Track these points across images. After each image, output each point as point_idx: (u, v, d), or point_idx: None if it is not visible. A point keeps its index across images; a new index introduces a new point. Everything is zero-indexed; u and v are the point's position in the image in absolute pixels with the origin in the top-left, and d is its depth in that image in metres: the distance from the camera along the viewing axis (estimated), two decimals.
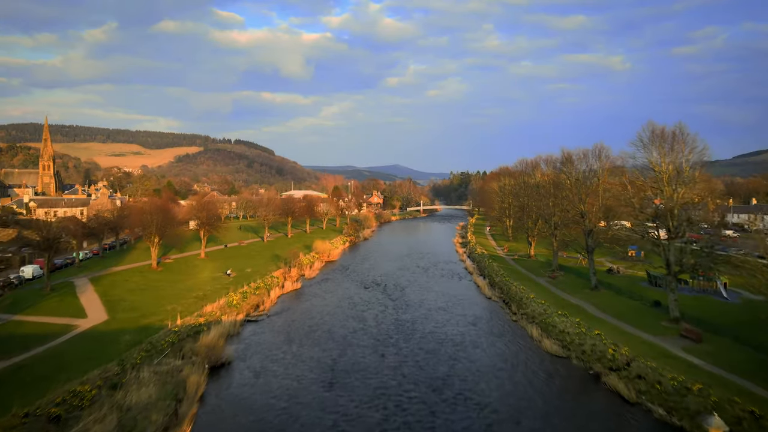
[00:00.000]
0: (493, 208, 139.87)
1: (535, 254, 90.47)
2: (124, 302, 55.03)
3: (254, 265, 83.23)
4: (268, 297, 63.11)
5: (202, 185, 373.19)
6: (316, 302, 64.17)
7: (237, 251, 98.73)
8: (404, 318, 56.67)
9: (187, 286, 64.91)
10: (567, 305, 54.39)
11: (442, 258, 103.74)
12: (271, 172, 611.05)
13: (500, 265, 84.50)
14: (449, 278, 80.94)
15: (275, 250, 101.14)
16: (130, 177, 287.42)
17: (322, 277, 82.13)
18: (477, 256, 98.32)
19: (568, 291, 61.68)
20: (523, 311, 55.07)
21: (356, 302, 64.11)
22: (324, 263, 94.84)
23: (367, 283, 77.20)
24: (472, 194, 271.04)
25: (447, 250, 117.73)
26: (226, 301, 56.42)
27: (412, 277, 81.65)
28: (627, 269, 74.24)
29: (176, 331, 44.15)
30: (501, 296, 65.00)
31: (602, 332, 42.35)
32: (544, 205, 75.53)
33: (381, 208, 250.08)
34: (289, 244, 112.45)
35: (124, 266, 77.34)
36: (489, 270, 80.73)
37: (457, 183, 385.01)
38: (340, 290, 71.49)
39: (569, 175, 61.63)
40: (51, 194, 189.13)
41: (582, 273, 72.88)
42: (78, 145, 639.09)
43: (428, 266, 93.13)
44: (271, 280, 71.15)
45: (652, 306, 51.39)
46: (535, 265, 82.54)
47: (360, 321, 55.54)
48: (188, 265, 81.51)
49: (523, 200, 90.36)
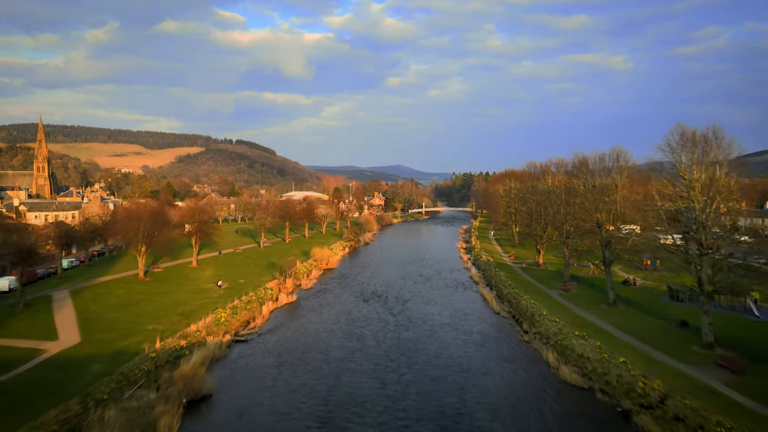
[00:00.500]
0: (498, 212, 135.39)
1: (544, 262, 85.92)
2: (102, 320, 50.66)
3: (248, 275, 78.85)
4: (260, 312, 58.70)
5: (202, 186, 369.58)
6: (311, 318, 59.77)
7: (231, 258, 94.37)
8: (406, 336, 52.25)
9: (174, 300, 60.53)
10: (584, 324, 49.86)
11: (446, 265, 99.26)
12: (273, 173, 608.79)
13: (508, 274, 80.00)
14: (454, 289, 76.46)
15: (271, 257, 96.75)
16: (128, 178, 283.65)
17: (319, 287, 77.73)
18: (482, 263, 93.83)
19: (584, 306, 57.12)
20: (535, 330, 50.56)
21: (355, 317, 59.70)
22: (322, 271, 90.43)
23: (366, 294, 72.77)
24: (475, 196, 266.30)
25: (451, 256, 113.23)
26: (213, 319, 52.07)
27: (415, 288, 77.21)
28: (643, 280, 69.67)
29: (153, 357, 39.75)
30: (510, 311, 60.49)
31: (628, 359, 37.84)
32: (555, 212, 71.03)
33: (382, 209, 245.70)
34: (287, 250, 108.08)
35: (110, 276, 72.99)
36: (496, 280, 76.24)
37: (460, 184, 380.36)
38: (338, 303, 67.08)
39: (585, 182, 57.03)
40: (46, 196, 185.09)
41: (596, 284, 68.33)
42: (79, 145, 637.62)
43: (431, 275, 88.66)
44: (264, 292, 66.76)
45: (678, 327, 46.80)
46: (545, 275, 77.98)
47: (358, 340, 51.13)
48: (178, 274, 77.15)
49: (531, 206, 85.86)
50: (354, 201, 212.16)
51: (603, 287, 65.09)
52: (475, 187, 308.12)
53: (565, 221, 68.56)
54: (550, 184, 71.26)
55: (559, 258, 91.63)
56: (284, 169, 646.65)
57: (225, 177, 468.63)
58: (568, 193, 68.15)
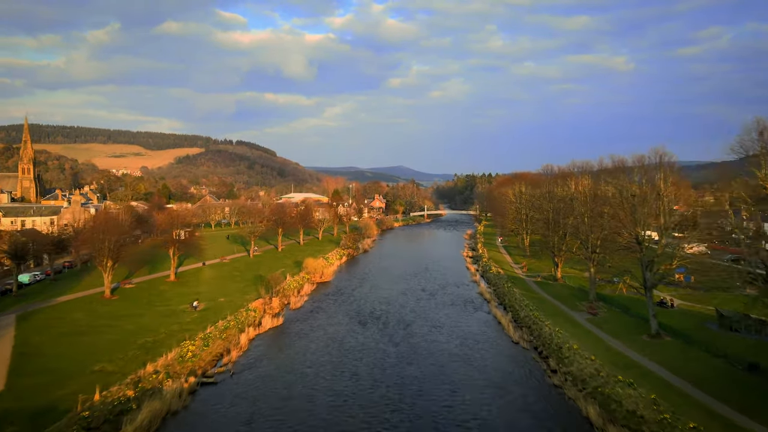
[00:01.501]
0: (506, 218, 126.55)
1: (562, 276, 77.10)
2: (42, 357, 42.00)
3: (231, 292, 70.19)
4: (236, 343, 49.95)
5: (200, 188, 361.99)
6: (298, 347, 51.05)
7: (215, 271, 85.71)
8: (409, 374, 43.57)
9: (138, 327, 51.85)
10: (625, 362, 41.12)
11: (452, 278, 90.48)
12: (273, 174, 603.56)
13: (522, 291, 71.25)
14: (462, 308, 67.71)
15: (260, 269, 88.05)
16: (121, 180, 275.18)
17: (311, 305, 68.99)
18: (492, 276, 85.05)
19: (619, 336, 48.33)
20: (566, 369, 41.78)
21: (349, 347, 50.99)
22: (315, 285, 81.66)
23: (363, 314, 64.06)
24: (478, 198, 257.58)
25: (456, 266, 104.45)
26: (177, 354, 43.40)
27: (418, 306, 68.49)
28: (680, 300, 60.87)
29: (86, 416, 31.05)
30: (531, 340, 51.69)
31: (699, 424, 29.09)
32: (579, 221, 62.32)
33: (383, 212, 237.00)
34: (278, 260, 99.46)
35: (72, 294, 64.41)
36: (510, 298, 67.49)
37: (462, 185, 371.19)
38: (331, 327, 58.36)
39: (623, 190, 48.20)
40: (31, 199, 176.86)
41: (628, 307, 59.50)
42: (79, 146, 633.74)
43: (436, 290, 79.89)
44: (245, 315, 58.06)
45: (746, 370, 37.95)
46: (565, 293, 69.18)
47: (352, 379, 42.46)
48: (151, 291, 68.49)
49: (547, 214, 77.10)
50: (353, 204, 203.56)
51: (638, 311, 56.40)
52: (478, 189, 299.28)
53: (590, 232, 59.89)
54: (573, 190, 62.70)
55: (578, 271, 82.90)
56: (284, 170, 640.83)
57: (224, 178, 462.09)
58: (595, 201, 59.47)
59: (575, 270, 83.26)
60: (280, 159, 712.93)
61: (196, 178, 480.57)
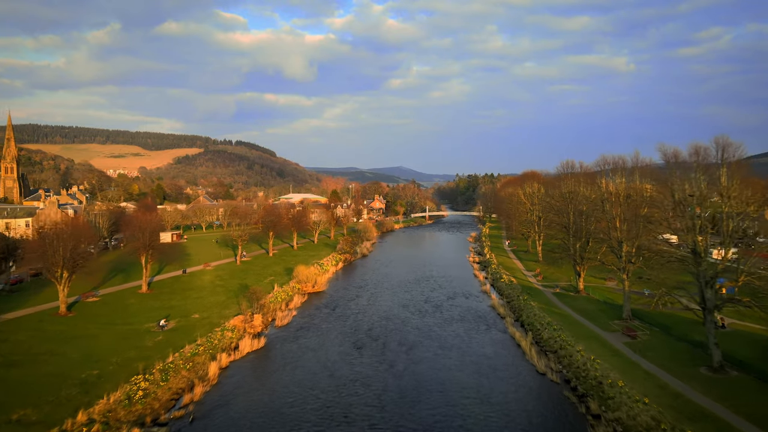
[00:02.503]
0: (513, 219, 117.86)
1: (584, 287, 68.32)
2: None
3: (208, 306, 61.53)
4: (203, 374, 41.27)
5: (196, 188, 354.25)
6: (279, 379, 42.39)
7: (195, 280, 77.03)
8: (412, 416, 34.95)
9: (88, 353, 43.18)
10: (690, 408, 32.39)
11: (459, 287, 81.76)
12: (272, 174, 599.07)
13: (541, 304, 62.56)
14: (473, 325, 58.99)
15: (247, 278, 79.44)
16: (112, 180, 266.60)
17: (299, 322, 60.30)
18: (504, 286, 76.30)
19: (671, 368, 39.53)
20: (612, 415, 33.07)
21: (341, 378, 42.34)
22: (306, 297, 72.98)
23: (360, 333, 55.41)
24: (482, 199, 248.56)
25: (462, 274, 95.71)
26: (125, 393, 34.75)
27: (422, 323, 59.81)
28: (731, 319, 52.06)
29: None
30: (560, 370, 42.97)
31: None
32: (612, 227, 53.54)
33: (383, 214, 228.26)
34: (268, 267, 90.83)
35: (25, 310, 55.82)
36: (528, 313, 58.79)
37: (464, 186, 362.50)
38: (321, 351, 49.67)
39: (676, 190, 39.34)
40: (14, 200, 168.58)
41: (668, 325, 50.72)
42: (77, 146, 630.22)
43: (441, 301, 71.23)
44: (220, 336, 49.39)
45: None
46: (591, 307, 60.39)
47: (343, 425, 33.83)
48: (117, 306, 59.82)
49: (566, 218, 68.21)
50: (352, 205, 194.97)
51: (683, 332, 47.72)
52: (481, 189, 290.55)
53: (625, 239, 51.19)
54: (604, 190, 53.94)
55: (600, 281, 74.22)
56: (284, 171, 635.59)
57: (222, 179, 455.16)
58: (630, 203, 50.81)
59: (597, 279, 74.54)
60: (280, 159, 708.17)
61: (194, 178, 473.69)
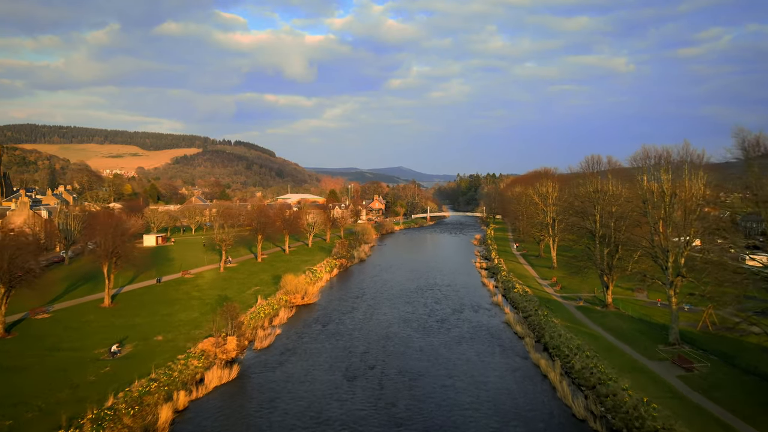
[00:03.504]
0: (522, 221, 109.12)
1: (612, 300, 59.50)
2: None
3: (177, 324, 52.71)
4: (154, 420, 32.42)
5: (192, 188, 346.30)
6: (251, 425, 33.55)
7: (169, 291, 68.25)
8: None
9: (5, 394, 34.32)
10: None
11: (466, 297, 72.95)
12: (271, 174, 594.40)
13: (564, 321, 53.72)
14: (486, 346, 50.14)
15: (229, 288, 70.76)
16: (104, 180, 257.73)
17: (283, 342, 51.45)
18: (518, 297, 67.46)
19: (751, 417, 30.71)
20: None
21: (329, 423, 33.50)
22: (294, 310, 64.16)
23: (353, 358, 46.58)
24: (486, 200, 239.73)
25: (469, 281, 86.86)
26: None
27: (426, 344, 50.98)
28: None
29: None
30: (603, 415, 34.07)
31: None
32: (654, 231, 44.71)
33: (383, 215, 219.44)
34: (254, 275, 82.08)
35: None
36: (550, 334, 49.89)
37: (466, 186, 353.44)
38: (306, 383, 40.81)
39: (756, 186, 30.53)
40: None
41: (732, 353, 41.67)
42: (75, 146, 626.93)
43: (447, 315, 62.45)
44: (183, 365, 40.58)
45: None
46: (625, 326, 51.48)
47: None
48: (68, 325, 50.93)
49: (592, 221, 59.27)
50: (351, 206, 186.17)
51: (754, 362, 38.79)
52: (484, 189, 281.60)
53: (672, 248, 42.40)
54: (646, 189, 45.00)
55: (626, 291, 65.46)
56: (283, 171, 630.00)
57: (220, 179, 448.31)
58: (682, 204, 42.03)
59: (623, 290, 65.71)
60: (279, 159, 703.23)
61: (192, 178, 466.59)
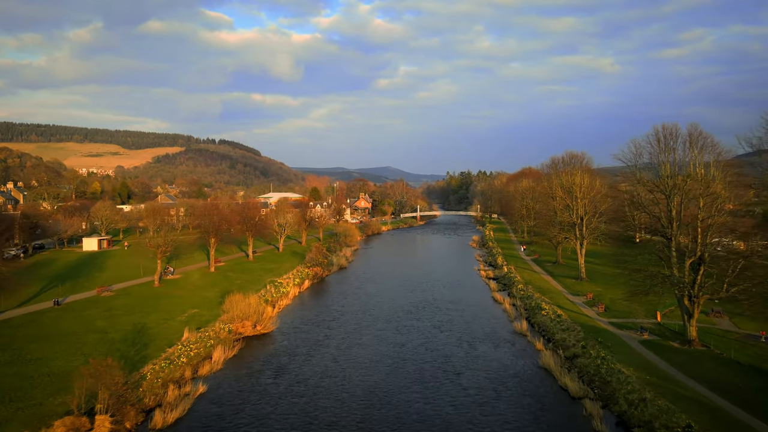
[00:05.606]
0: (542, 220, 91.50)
1: (697, 335, 41.39)
2: None
3: (40, 382, 33.48)
4: None
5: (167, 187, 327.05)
6: None
7: (65, 319, 48.82)
8: None
9: None
10: None
11: (477, 322, 54.48)
12: (256, 174, 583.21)
13: (635, 369, 35.49)
14: (525, 415, 31.74)
15: (154, 312, 51.61)
16: (61, 177, 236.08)
17: (204, 411, 32.43)
18: (550, 323, 49.17)
19: None
20: None
21: None
22: (240, 344, 45.16)
23: None
24: (481, 197, 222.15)
25: (476, 297, 68.46)
26: None
27: (431, 412, 32.34)
28: None
29: None
30: None
31: None
32: None
33: (369, 214, 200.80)
34: (198, 291, 62.93)
35: None
36: (625, 397, 31.63)
37: (456, 185, 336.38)
38: None
39: None
40: None
41: None
42: (53, 145, 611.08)
43: (454, 353, 43.94)
44: None
45: None
46: (737, 380, 33.43)
47: None
48: None
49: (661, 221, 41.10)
50: (334, 204, 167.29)
51: None
52: (477, 187, 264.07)
53: None
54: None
55: (710, 322, 47.43)
56: (268, 170, 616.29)
57: (202, 178, 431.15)
58: None
59: (707, 320, 47.36)
60: (265, 158, 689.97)
61: (173, 177, 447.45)
